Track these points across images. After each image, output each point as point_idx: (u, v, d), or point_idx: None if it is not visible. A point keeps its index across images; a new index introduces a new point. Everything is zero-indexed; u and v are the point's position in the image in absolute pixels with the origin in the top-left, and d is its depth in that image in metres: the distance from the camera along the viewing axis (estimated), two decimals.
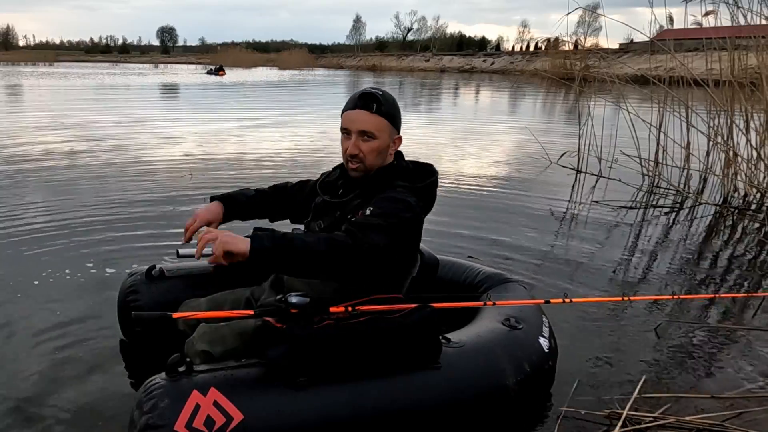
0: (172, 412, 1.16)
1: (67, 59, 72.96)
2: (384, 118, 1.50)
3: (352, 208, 1.52)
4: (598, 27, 25.47)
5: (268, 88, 21.69)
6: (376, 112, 1.48)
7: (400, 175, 1.55)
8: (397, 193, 1.48)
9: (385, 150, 1.53)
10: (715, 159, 4.76)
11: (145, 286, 1.77)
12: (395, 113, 1.54)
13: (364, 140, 1.49)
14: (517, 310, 1.72)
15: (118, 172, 4.87)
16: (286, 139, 7.39)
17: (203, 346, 1.41)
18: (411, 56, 60.28)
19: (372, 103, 1.48)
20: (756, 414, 1.66)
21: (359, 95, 1.51)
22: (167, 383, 1.21)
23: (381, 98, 1.49)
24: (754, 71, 4.42)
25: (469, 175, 5.21)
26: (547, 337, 1.69)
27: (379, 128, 1.49)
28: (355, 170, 1.53)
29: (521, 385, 1.51)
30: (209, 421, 1.17)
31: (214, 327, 1.46)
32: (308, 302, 1.38)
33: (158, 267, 1.80)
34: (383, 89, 1.54)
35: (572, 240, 3.44)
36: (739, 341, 2.16)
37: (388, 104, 1.51)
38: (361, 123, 1.48)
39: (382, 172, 1.54)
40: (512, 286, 1.92)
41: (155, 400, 1.17)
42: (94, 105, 12.15)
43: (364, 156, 1.50)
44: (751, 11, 4.30)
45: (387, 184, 1.52)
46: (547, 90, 19.48)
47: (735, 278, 2.92)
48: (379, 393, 1.35)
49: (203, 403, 1.18)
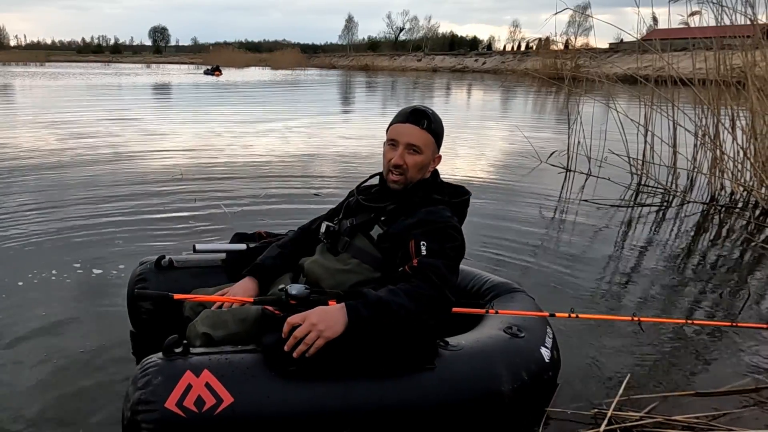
0: (164, 390, 1.20)
1: (59, 59, 72.43)
2: (431, 135, 1.57)
3: (387, 213, 1.59)
4: (588, 27, 25.58)
5: (261, 87, 21.60)
6: (426, 128, 1.55)
7: (436, 190, 1.63)
8: (438, 215, 1.54)
9: (427, 166, 1.59)
10: (702, 158, 4.80)
11: (153, 275, 1.79)
12: (441, 132, 1.61)
13: (410, 153, 1.55)
14: (521, 320, 1.72)
15: (109, 171, 4.85)
16: (280, 138, 7.38)
17: (204, 328, 1.43)
18: (403, 56, 60.37)
19: (423, 120, 1.55)
20: (741, 411, 1.68)
21: (411, 110, 1.57)
22: (163, 362, 1.25)
23: (431, 116, 1.57)
24: (740, 71, 4.46)
25: (459, 174, 5.22)
26: (549, 348, 1.68)
27: (425, 144, 1.56)
28: (395, 182, 1.58)
29: (517, 392, 1.50)
30: (199, 401, 1.21)
31: (217, 312, 1.48)
32: (308, 293, 1.42)
33: (167, 257, 1.82)
34: (432, 108, 1.60)
35: (561, 239, 3.46)
36: (724, 338, 2.18)
37: (436, 123, 1.58)
38: (410, 136, 1.55)
39: (419, 185, 1.60)
40: (519, 296, 1.91)
41: (149, 377, 1.22)
42: (84, 104, 12.05)
43: (408, 168, 1.56)
44: (735, 11, 4.35)
45: (425, 197, 1.59)
46: (537, 89, 19.57)
47: (722, 276, 2.94)
48: (369, 388, 1.36)
49: (195, 383, 1.22)
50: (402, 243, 1.50)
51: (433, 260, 1.43)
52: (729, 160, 4.62)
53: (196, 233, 3.21)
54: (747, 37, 4.44)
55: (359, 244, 1.58)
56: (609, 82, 5.37)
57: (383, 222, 1.57)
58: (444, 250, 1.47)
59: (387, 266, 1.54)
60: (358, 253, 1.58)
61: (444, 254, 1.46)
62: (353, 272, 1.56)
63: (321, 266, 1.60)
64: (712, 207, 4.28)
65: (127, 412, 1.22)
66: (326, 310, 1.33)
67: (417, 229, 1.50)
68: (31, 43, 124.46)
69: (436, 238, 1.48)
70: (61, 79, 24.33)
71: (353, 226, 1.60)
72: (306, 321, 1.29)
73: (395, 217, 1.57)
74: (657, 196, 4.60)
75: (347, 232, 1.61)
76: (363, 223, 1.60)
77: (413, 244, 1.47)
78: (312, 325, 1.28)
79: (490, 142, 7.96)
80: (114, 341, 1.93)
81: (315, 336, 1.28)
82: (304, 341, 1.28)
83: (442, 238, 1.49)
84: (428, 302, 1.37)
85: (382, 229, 1.56)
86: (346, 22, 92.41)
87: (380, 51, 71.78)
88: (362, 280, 1.54)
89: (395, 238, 1.53)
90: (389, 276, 1.51)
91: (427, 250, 1.45)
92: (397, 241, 1.52)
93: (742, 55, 4.41)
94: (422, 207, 1.56)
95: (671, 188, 4.72)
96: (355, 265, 1.57)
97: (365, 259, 1.57)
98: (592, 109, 5.48)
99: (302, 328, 1.29)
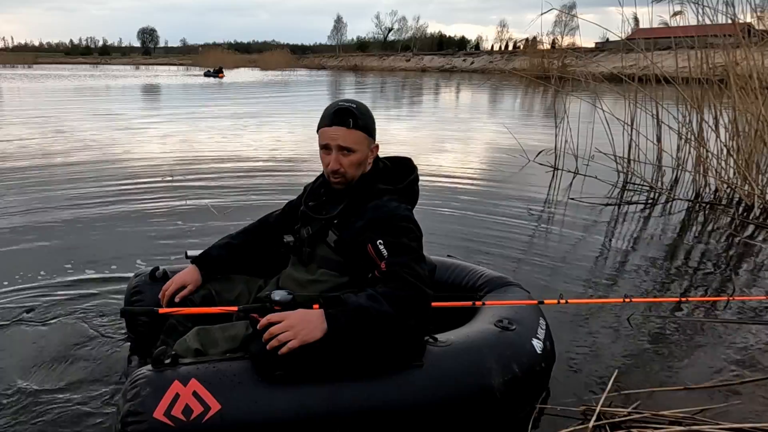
0: (153, 400, 1.23)
1: (47, 61, 71.47)
2: (361, 131, 1.52)
3: (337, 215, 1.57)
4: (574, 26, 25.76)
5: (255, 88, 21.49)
6: (354, 127, 1.50)
7: (380, 178, 1.59)
8: (386, 209, 1.51)
9: (365, 161, 1.57)
10: (686, 155, 4.86)
11: (148, 287, 1.82)
12: (370, 123, 1.56)
13: (344, 155, 1.52)
14: (513, 312, 1.71)
15: (96, 171, 4.85)
16: (268, 137, 7.36)
17: (196, 345, 1.44)
18: (392, 56, 60.30)
19: (348, 119, 1.50)
20: (728, 406, 1.70)
21: (334, 111, 1.52)
22: (151, 374, 1.28)
23: (356, 112, 1.51)
24: (722, 69, 4.52)
25: (447, 173, 5.25)
26: (542, 339, 1.67)
27: (356, 142, 1.52)
28: (338, 184, 1.57)
29: (508, 385, 1.50)
30: (187, 409, 1.23)
31: (206, 329, 1.49)
32: (291, 299, 1.42)
33: (161, 268, 1.85)
34: (356, 101, 1.56)
35: (550, 236, 3.50)
36: (710, 333, 2.21)
37: (363, 117, 1.53)
38: (340, 139, 1.51)
39: (363, 179, 1.57)
40: (512, 289, 1.91)
41: (138, 389, 1.25)
42: (73, 106, 11.90)
43: (346, 170, 1.53)
44: (716, 10, 4.41)
45: (370, 191, 1.56)
46: (525, 89, 19.68)
47: (707, 271, 2.99)
48: (357, 389, 1.37)
49: (183, 392, 1.24)
50: (359, 248, 1.49)
51: (399, 258, 1.42)
52: (713, 157, 4.68)
53: (186, 233, 3.21)
54: (729, 36, 4.51)
55: (321, 253, 1.58)
56: (595, 82, 5.42)
57: (336, 226, 1.56)
58: (404, 245, 1.45)
59: (351, 269, 1.54)
60: (322, 261, 1.58)
61: (406, 249, 1.45)
62: (321, 281, 1.57)
63: (293, 280, 1.61)
64: (697, 204, 4.34)
65: (117, 424, 1.25)
66: (307, 314, 1.34)
67: (369, 231, 1.48)
68: (18, 45, 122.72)
69: (393, 235, 1.46)
70: (50, 81, 24.01)
71: (310, 237, 1.60)
72: (285, 321, 1.31)
73: (346, 219, 1.55)
74: (643, 194, 4.65)
75: (307, 243, 1.60)
76: (318, 231, 1.59)
77: (371, 248, 1.46)
78: (289, 325, 1.30)
79: (479, 141, 7.99)
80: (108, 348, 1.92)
81: (290, 336, 1.29)
82: (277, 338, 1.29)
83: (397, 233, 1.47)
84: (408, 303, 1.38)
85: (336, 235, 1.55)
86: (335, 23, 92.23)
87: (369, 51, 71.73)
88: (332, 287, 1.54)
89: (350, 244, 1.52)
90: (356, 279, 1.52)
91: (388, 251, 1.43)
92: (354, 246, 1.51)
93: (724, 53, 4.47)
94: (368, 202, 1.54)
95: (657, 186, 4.78)
96: (322, 273, 1.57)
97: (330, 266, 1.57)
98: (579, 108, 5.54)
99: (279, 326, 1.31)
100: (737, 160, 4.49)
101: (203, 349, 1.43)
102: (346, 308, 1.34)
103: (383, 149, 1.65)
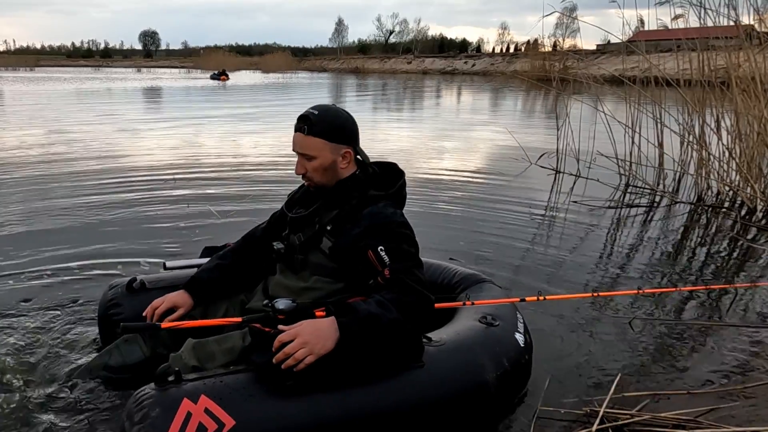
0: (164, 422, 1.16)
1: (49, 64, 71.70)
2: (318, 137, 1.50)
3: (331, 222, 1.55)
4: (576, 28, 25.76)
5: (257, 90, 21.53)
6: (309, 133, 1.50)
7: (370, 183, 1.59)
8: (383, 216, 1.50)
9: (331, 166, 1.54)
10: (688, 158, 4.86)
11: (126, 299, 1.76)
12: (333, 130, 1.52)
13: (306, 160, 1.53)
14: (493, 308, 1.76)
15: (97, 173, 4.83)
16: (270, 139, 7.36)
17: (194, 362, 1.41)
18: (393, 58, 60.39)
19: (303, 126, 1.51)
20: (730, 409, 1.69)
21: (298, 117, 1.53)
22: (157, 393, 1.21)
23: (313, 119, 1.49)
24: (724, 71, 4.52)
25: (449, 177, 5.25)
26: (523, 333, 1.73)
27: (313, 148, 1.51)
28: (310, 186, 1.59)
29: (500, 379, 1.54)
30: (201, 428, 1.17)
31: (202, 343, 1.46)
32: (295, 307, 1.41)
33: (139, 279, 1.79)
34: (328, 106, 1.55)
35: (552, 240, 3.49)
36: (714, 337, 2.21)
37: (322, 123, 1.50)
38: (298, 146, 1.53)
39: (345, 183, 1.56)
40: (487, 286, 1.97)
41: (146, 410, 1.17)
42: (77, 109, 11.93)
43: (311, 175, 1.54)
44: (717, 12, 4.41)
45: (359, 196, 1.55)
46: (527, 91, 19.68)
47: (709, 275, 2.98)
48: (367, 393, 1.37)
49: (194, 410, 1.18)
50: (357, 254, 1.48)
51: (401, 265, 1.43)
52: (715, 160, 4.67)
53: (190, 238, 3.21)
54: (730, 38, 4.51)
55: (314, 260, 1.57)
56: (596, 84, 5.42)
57: (330, 232, 1.54)
58: (405, 251, 1.47)
59: (346, 275, 1.54)
60: (316, 268, 1.56)
61: (407, 255, 1.46)
62: (315, 288, 1.55)
63: (284, 287, 1.59)
64: (699, 207, 4.33)
65: None
66: (317, 326, 1.31)
67: (368, 238, 1.47)
68: (20, 48, 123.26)
69: (393, 242, 1.46)
70: (52, 83, 24.06)
71: (302, 243, 1.58)
72: (297, 338, 1.28)
73: (340, 225, 1.54)
74: (645, 197, 4.65)
75: (299, 250, 1.59)
76: (311, 237, 1.57)
77: (372, 254, 1.45)
78: (304, 342, 1.27)
79: (481, 144, 7.99)
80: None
81: (306, 352, 1.27)
82: (293, 356, 1.26)
83: (397, 240, 1.48)
84: (415, 309, 1.39)
85: (330, 241, 1.54)
86: (336, 25, 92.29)
87: (371, 54, 71.81)
88: (326, 294, 1.54)
89: (347, 250, 1.51)
90: (351, 286, 1.52)
91: (390, 257, 1.44)
92: (350, 253, 1.50)
93: (726, 55, 4.47)
94: (362, 208, 1.53)
95: (659, 189, 4.78)
96: (315, 281, 1.56)
97: (324, 273, 1.55)
98: (580, 110, 5.54)
99: (293, 344, 1.27)
100: (739, 163, 4.49)
101: (200, 364, 1.41)
102: (357, 316, 1.33)
103: (385, 151, 1.66)
